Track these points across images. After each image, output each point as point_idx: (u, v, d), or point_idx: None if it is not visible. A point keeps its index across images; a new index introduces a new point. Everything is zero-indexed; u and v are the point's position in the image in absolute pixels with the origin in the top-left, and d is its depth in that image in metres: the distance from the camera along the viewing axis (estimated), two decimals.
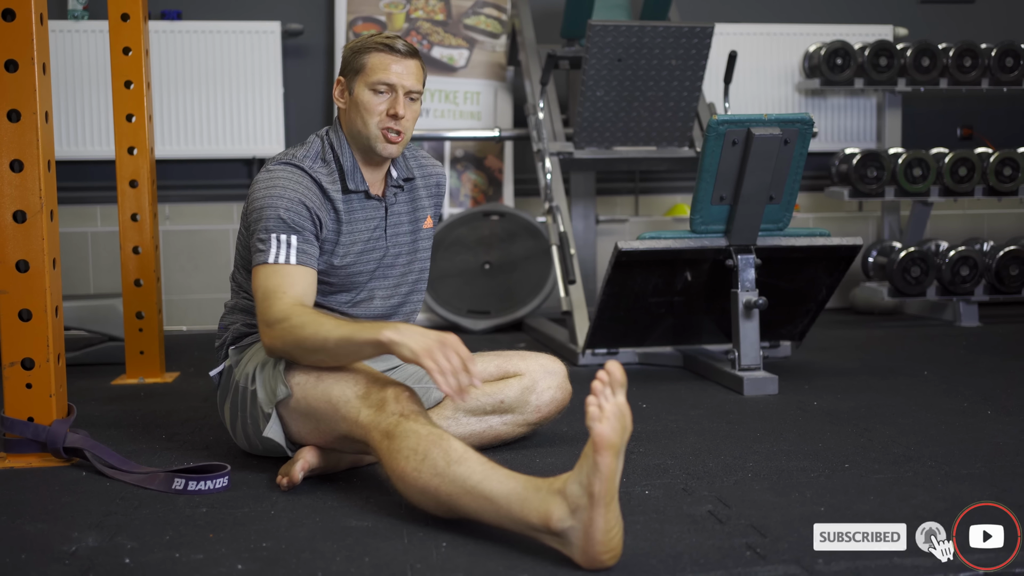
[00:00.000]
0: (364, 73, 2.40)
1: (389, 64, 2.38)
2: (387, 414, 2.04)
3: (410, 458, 1.93)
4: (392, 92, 2.39)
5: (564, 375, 2.55)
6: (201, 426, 2.83)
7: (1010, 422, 2.73)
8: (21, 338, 2.39)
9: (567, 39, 4.69)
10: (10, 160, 2.35)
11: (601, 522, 1.70)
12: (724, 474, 2.27)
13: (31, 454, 2.42)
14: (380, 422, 2.03)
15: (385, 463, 1.99)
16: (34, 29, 2.34)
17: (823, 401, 3.04)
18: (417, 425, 1.98)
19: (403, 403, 2.06)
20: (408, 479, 1.93)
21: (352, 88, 2.42)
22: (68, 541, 1.89)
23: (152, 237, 3.49)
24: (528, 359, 2.53)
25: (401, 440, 1.97)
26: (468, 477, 1.86)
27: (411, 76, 2.40)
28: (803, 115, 3.17)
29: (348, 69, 2.44)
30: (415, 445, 1.94)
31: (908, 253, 4.60)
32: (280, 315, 2.21)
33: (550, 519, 1.74)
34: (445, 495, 1.88)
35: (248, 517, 2.01)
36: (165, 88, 4.78)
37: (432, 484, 1.89)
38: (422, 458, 1.91)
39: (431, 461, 1.90)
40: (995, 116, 5.59)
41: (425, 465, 1.90)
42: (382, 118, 2.39)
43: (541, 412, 2.50)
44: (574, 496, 1.73)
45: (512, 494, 1.80)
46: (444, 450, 1.91)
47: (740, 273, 3.26)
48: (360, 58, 2.41)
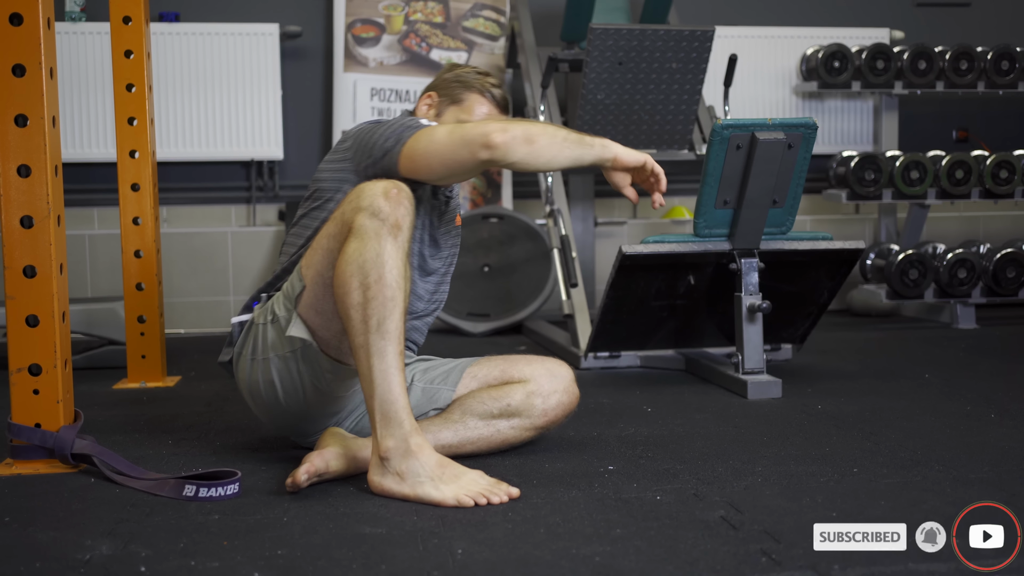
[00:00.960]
0: (460, 107, 2.56)
1: (485, 112, 2.57)
2: (370, 198, 2.12)
3: (355, 276, 2.09)
4: None
5: (571, 379, 2.55)
6: (207, 431, 2.82)
7: (1014, 426, 2.75)
8: (28, 344, 2.38)
9: (567, 42, 4.69)
10: (17, 165, 2.34)
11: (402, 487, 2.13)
12: (734, 479, 2.27)
13: (38, 460, 2.41)
14: (362, 202, 2.12)
15: (341, 250, 2.13)
16: (41, 33, 2.33)
17: (827, 404, 3.05)
18: (391, 247, 2.09)
19: (392, 199, 2.11)
20: (339, 291, 2.11)
21: (443, 112, 2.58)
22: (82, 549, 1.88)
23: (154, 241, 3.49)
24: (534, 363, 2.54)
25: (360, 243, 2.09)
26: (383, 355, 2.09)
27: None
28: (807, 119, 3.18)
29: (445, 92, 2.59)
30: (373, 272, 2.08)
31: (906, 256, 4.61)
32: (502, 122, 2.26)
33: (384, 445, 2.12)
34: (355, 342, 2.10)
35: (261, 524, 2.01)
36: (163, 90, 4.77)
37: (354, 319, 2.09)
38: (364, 293, 2.08)
39: (368, 308, 2.08)
40: (991, 119, 5.62)
41: (360, 303, 2.09)
42: None
43: (548, 416, 2.50)
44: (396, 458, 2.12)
45: (386, 406, 2.09)
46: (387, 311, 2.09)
47: (743, 277, 3.27)
48: (462, 92, 2.58)
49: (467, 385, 2.51)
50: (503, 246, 4.74)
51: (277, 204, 5.04)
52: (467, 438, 2.43)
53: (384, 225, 2.11)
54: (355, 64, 4.96)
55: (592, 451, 2.54)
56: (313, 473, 2.21)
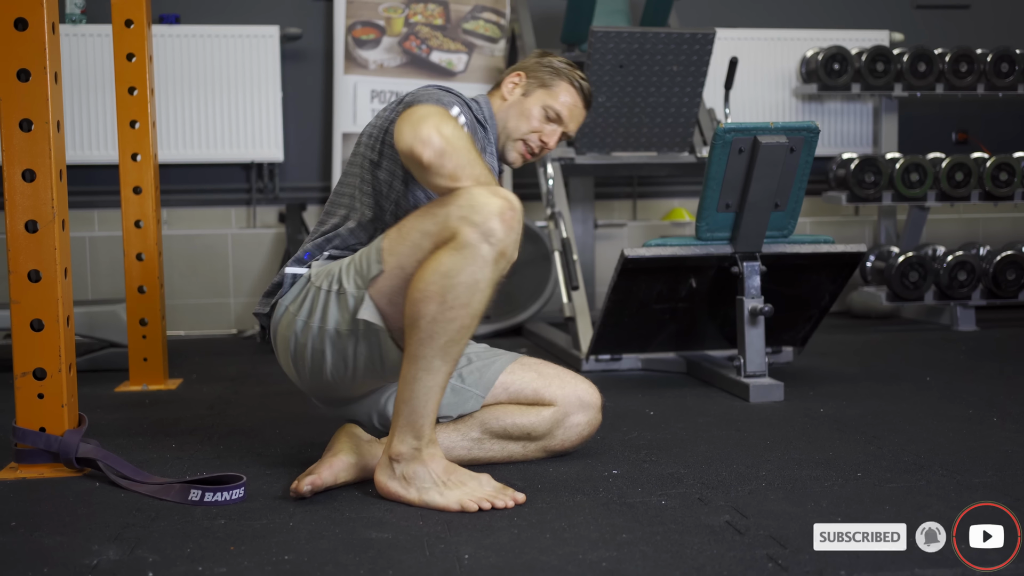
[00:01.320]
0: (549, 92, 2.56)
1: (573, 103, 2.57)
2: (484, 217, 2.02)
3: (436, 294, 2.02)
4: (558, 125, 2.57)
5: (598, 408, 2.50)
6: (210, 434, 2.83)
7: (1016, 430, 2.75)
8: (33, 348, 2.38)
9: (567, 44, 4.70)
10: (22, 170, 2.34)
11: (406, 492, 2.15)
12: (738, 483, 2.28)
13: (43, 464, 2.41)
14: (475, 216, 2.03)
15: (430, 257, 2.06)
16: (46, 38, 2.33)
17: (829, 408, 3.05)
18: (489, 272, 2.04)
19: (508, 222, 2.04)
20: (416, 300, 2.04)
21: (530, 93, 2.56)
22: (89, 554, 1.88)
23: (156, 244, 3.49)
24: (566, 386, 2.47)
25: (460, 262, 2.02)
26: (434, 373, 2.07)
27: (576, 123, 2.61)
28: (809, 123, 3.18)
29: (536, 75, 2.58)
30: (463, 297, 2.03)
31: (906, 258, 4.62)
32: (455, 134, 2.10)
33: (397, 450, 2.13)
34: (413, 350, 2.06)
35: (267, 529, 2.01)
36: (163, 92, 4.78)
37: (423, 328, 2.04)
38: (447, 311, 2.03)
39: (444, 324, 2.03)
40: (990, 121, 5.63)
41: (440, 317, 2.03)
42: (535, 136, 2.55)
43: (564, 445, 2.48)
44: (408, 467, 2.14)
45: (417, 414, 2.10)
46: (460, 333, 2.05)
47: (746, 280, 3.27)
48: (554, 78, 2.57)
49: (496, 395, 2.43)
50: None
51: (277, 206, 5.04)
52: (478, 457, 2.42)
53: (492, 251, 2.03)
54: (355, 66, 4.96)
55: (596, 455, 2.54)
56: (319, 487, 2.19)
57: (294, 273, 2.33)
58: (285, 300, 2.31)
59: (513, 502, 2.12)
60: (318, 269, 2.29)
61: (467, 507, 2.08)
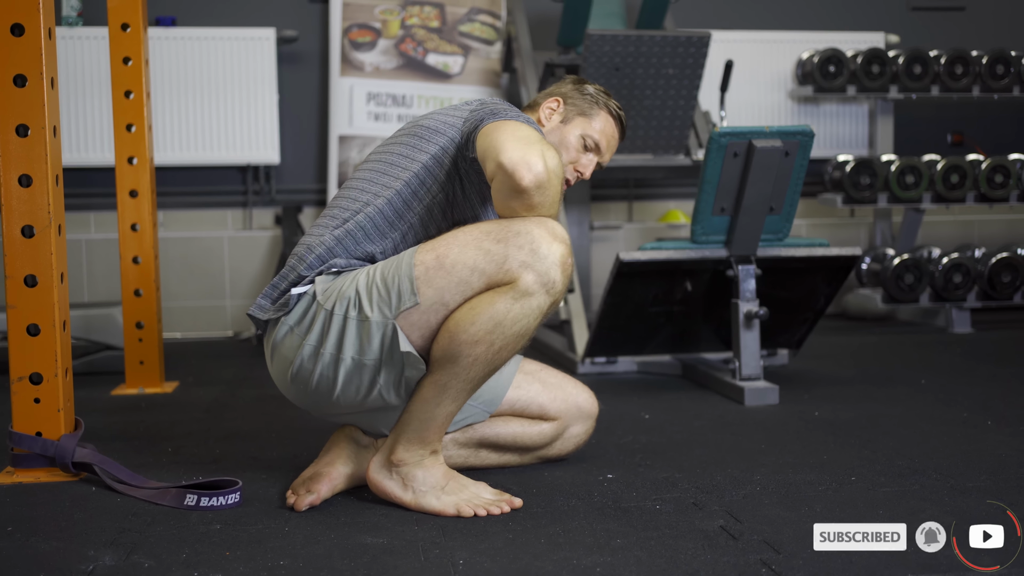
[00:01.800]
0: (588, 121, 2.46)
1: (611, 135, 2.50)
2: (546, 268, 2.00)
3: (483, 332, 2.01)
4: (596, 155, 2.48)
5: (595, 418, 2.52)
6: (206, 438, 2.83)
7: (1011, 433, 2.76)
8: (29, 353, 2.39)
9: (563, 47, 4.70)
10: (19, 175, 2.35)
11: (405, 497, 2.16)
12: (733, 488, 2.29)
13: (39, 469, 2.41)
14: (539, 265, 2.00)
15: (482, 298, 2.03)
16: (43, 44, 2.33)
17: (824, 411, 3.06)
18: (536, 315, 2.02)
19: (567, 272, 2.03)
20: (461, 339, 2.02)
21: (569, 120, 2.47)
22: (84, 560, 1.88)
23: (152, 247, 3.49)
24: (568, 398, 2.46)
25: (515, 307, 2.01)
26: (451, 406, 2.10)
27: (611, 152, 2.53)
28: (804, 127, 3.19)
29: (574, 102, 2.48)
30: (511, 332, 2.02)
31: (902, 261, 4.63)
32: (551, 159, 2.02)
33: (404, 461, 2.15)
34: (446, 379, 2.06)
35: (263, 534, 2.01)
36: (159, 94, 4.78)
37: (459, 368, 2.04)
38: (494, 354, 2.03)
39: (483, 364, 2.04)
40: (986, 123, 5.64)
41: (482, 359, 2.03)
42: (571, 166, 2.46)
43: (560, 453, 2.50)
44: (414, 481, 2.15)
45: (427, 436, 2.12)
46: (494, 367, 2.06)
47: (740, 283, 3.28)
48: (593, 107, 2.48)
49: (500, 409, 2.42)
50: None
51: (273, 208, 5.04)
52: (473, 465, 2.43)
53: (549, 300, 2.02)
54: (351, 68, 4.96)
55: (591, 459, 2.55)
56: (317, 502, 2.19)
57: (299, 293, 2.18)
58: (289, 320, 2.17)
59: (510, 508, 2.12)
60: (325, 286, 2.15)
61: (463, 512, 2.09)
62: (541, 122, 2.47)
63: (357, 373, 2.12)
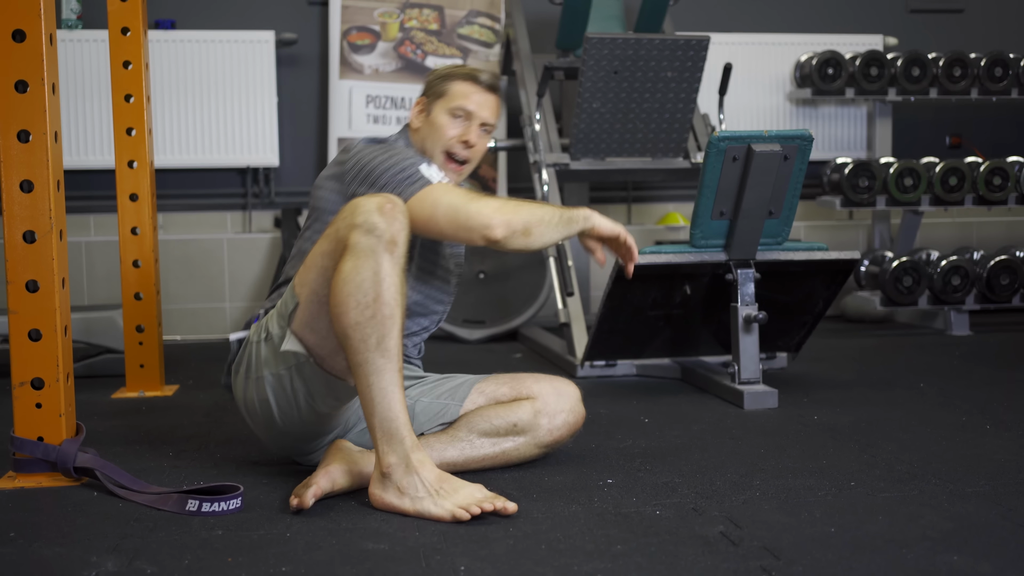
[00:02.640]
0: (445, 98, 2.56)
1: (470, 94, 2.55)
2: (364, 215, 2.10)
3: (354, 295, 2.09)
4: (468, 120, 2.56)
5: (577, 398, 2.56)
6: (207, 442, 2.84)
7: (1010, 438, 2.77)
8: (31, 358, 2.39)
9: (562, 50, 4.71)
10: (20, 180, 2.35)
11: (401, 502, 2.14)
12: (732, 493, 2.29)
13: (41, 474, 2.42)
14: (356, 218, 2.11)
15: (336, 270, 2.12)
16: (44, 49, 2.34)
17: (823, 415, 3.07)
18: (387, 264, 2.08)
19: (387, 214, 2.11)
20: (338, 314, 2.11)
21: (431, 110, 2.58)
22: (87, 566, 1.89)
23: (152, 250, 3.50)
24: (542, 381, 2.55)
25: (358, 262, 2.09)
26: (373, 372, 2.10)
27: (488, 109, 2.58)
28: (803, 131, 3.20)
29: (431, 92, 2.60)
30: (369, 292, 2.08)
31: (900, 263, 4.64)
32: (495, 204, 2.33)
33: (385, 461, 2.14)
34: (353, 360, 2.12)
35: (264, 540, 2.02)
36: (159, 97, 4.78)
37: (354, 338, 2.09)
38: (363, 312, 2.08)
39: (366, 329, 2.09)
40: (984, 125, 5.65)
41: (360, 324, 2.08)
42: (453, 141, 2.55)
43: (553, 435, 2.51)
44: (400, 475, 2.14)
45: (386, 423, 2.11)
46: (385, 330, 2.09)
47: (740, 287, 3.28)
48: (444, 84, 2.57)
49: (475, 400, 2.52)
50: (498, 253, 4.76)
51: (273, 211, 5.05)
52: (472, 457, 2.45)
53: (380, 242, 2.10)
54: (350, 71, 4.97)
55: (591, 464, 2.56)
56: (320, 495, 2.21)
57: (239, 339, 2.44)
58: (233, 366, 2.44)
59: (503, 506, 2.12)
60: (255, 328, 2.39)
61: (460, 516, 2.09)
62: (415, 127, 2.61)
63: (280, 388, 2.31)
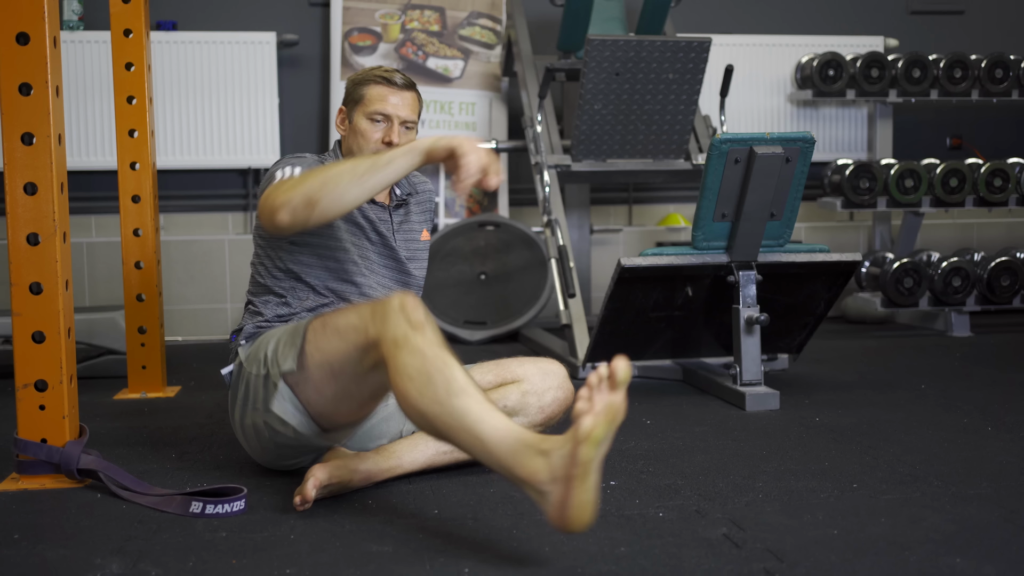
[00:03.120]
0: (363, 103, 2.57)
1: (387, 96, 2.56)
2: (394, 323, 2.07)
3: (415, 379, 1.98)
4: (388, 122, 2.56)
5: (564, 375, 2.61)
6: (210, 444, 2.84)
7: (1011, 439, 2.77)
8: (34, 360, 2.40)
9: (563, 51, 4.71)
10: (24, 183, 2.35)
11: (574, 499, 1.79)
12: (735, 495, 2.30)
13: (45, 475, 2.42)
14: (387, 332, 2.06)
15: (391, 376, 2.04)
16: (48, 53, 2.34)
17: (825, 417, 3.07)
18: (424, 342, 2.02)
19: (408, 311, 2.07)
20: (410, 400, 1.99)
21: (352, 117, 2.60)
22: (92, 568, 1.89)
23: (154, 252, 3.50)
24: (526, 364, 2.59)
25: (408, 355, 2.01)
26: (466, 414, 1.93)
27: (406, 107, 2.57)
28: (805, 134, 3.20)
29: (349, 99, 2.61)
30: (420, 366, 1.99)
31: (901, 264, 4.64)
32: (294, 179, 2.31)
33: (535, 478, 1.84)
34: (442, 425, 1.96)
35: (268, 542, 2.02)
36: (160, 99, 4.78)
37: (432, 411, 1.96)
38: (425, 381, 1.97)
39: (433, 387, 1.96)
40: (985, 126, 5.66)
41: (427, 390, 1.97)
42: (377, 145, 2.54)
43: (545, 412, 2.55)
44: (556, 466, 1.81)
45: (504, 443, 1.89)
46: (447, 379, 1.97)
47: (741, 289, 3.29)
48: (360, 89, 2.58)
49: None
50: (499, 254, 4.76)
51: None
52: None
53: (415, 330, 2.04)
54: (352, 72, 4.97)
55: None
56: (319, 485, 2.22)
57: (229, 372, 2.52)
58: (232, 392, 2.50)
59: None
60: (248, 355, 2.43)
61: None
62: (343, 136, 2.64)
63: (279, 422, 2.33)
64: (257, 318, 2.52)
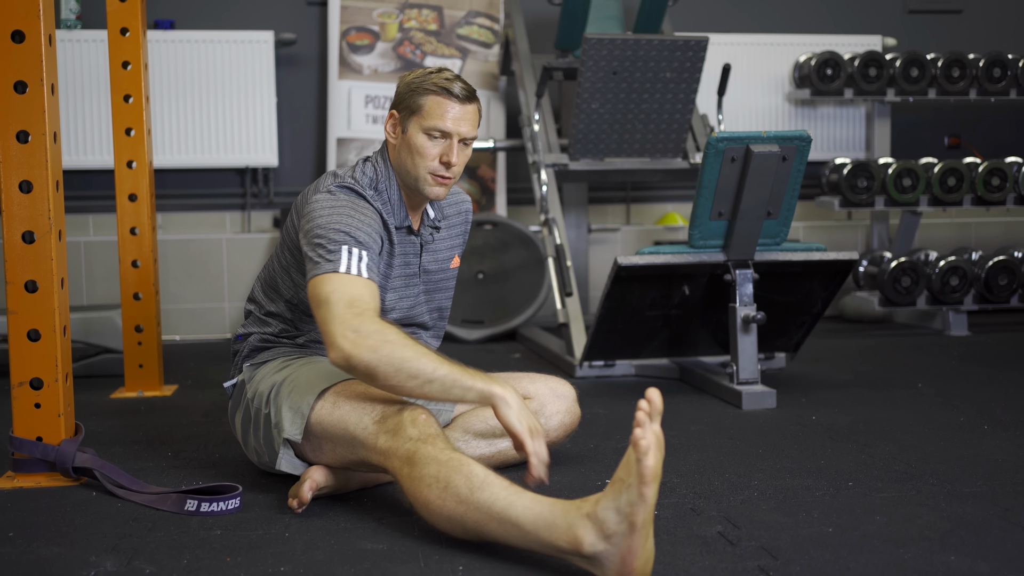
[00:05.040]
0: (420, 115, 2.33)
1: (446, 110, 2.32)
2: (404, 439, 2.04)
3: (432, 486, 1.94)
4: (447, 139, 2.33)
5: (573, 399, 2.56)
6: (206, 442, 2.84)
7: (1007, 438, 2.77)
8: (30, 358, 2.40)
9: (561, 50, 4.71)
10: (19, 181, 2.36)
11: (639, 550, 1.72)
12: (730, 493, 2.30)
13: (40, 474, 2.42)
14: (398, 448, 2.04)
15: (407, 491, 2.00)
16: (43, 50, 2.34)
17: (821, 415, 3.07)
18: (436, 450, 1.99)
19: (420, 426, 2.06)
20: (432, 507, 1.94)
21: (406, 127, 2.36)
22: (86, 566, 1.89)
23: (151, 251, 3.50)
24: (537, 382, 2.54)
25: (422, 467, 1.97)
26: (493, 503, 1.87)
27: (467, 123, 2.34)
28: (801, 132, 3.20)
29: (403, 106, 2.37)
30: (436, 472, 1.95)
31: (899, 263, 4.64)
32: (374, 327, 2.08)
33: (581, 544, 1.76)
34: (472, 522, 1.90)
35: (263, 540, 2.02)
36: (158, 97, 4.78)
37: (457, 512, 1.91)
38: (444, 486, 1.92)
39: (454, 488, 1.91)
40: (983, 126, 5.65)
41: (448, 493, 1.92)
42: (434, 164, 2.34)
43: (549, 436, 2.50)
44: (610, 522, 1.74)
45: (539, 519, 1.82)
46: (466, 476, 1.92)
47: (738, 288, 3.29)
48: (418, 98, 2.34)
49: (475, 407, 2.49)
50: (497, 253, 4.76)
51: (272, 211, 5.05)
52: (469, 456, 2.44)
53: (427, 441, 2.02)
54: (349, 71, 4.97)
55: (590, 464, 2.56)
56: (315, 487, 2.22)
57: (232, 384, 2.52)
58: (231, 409, 2.51)
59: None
60: (252, 385, 2.42)
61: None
62: (392, 143, 2.41)
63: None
64: (265, 328, 2.48)
